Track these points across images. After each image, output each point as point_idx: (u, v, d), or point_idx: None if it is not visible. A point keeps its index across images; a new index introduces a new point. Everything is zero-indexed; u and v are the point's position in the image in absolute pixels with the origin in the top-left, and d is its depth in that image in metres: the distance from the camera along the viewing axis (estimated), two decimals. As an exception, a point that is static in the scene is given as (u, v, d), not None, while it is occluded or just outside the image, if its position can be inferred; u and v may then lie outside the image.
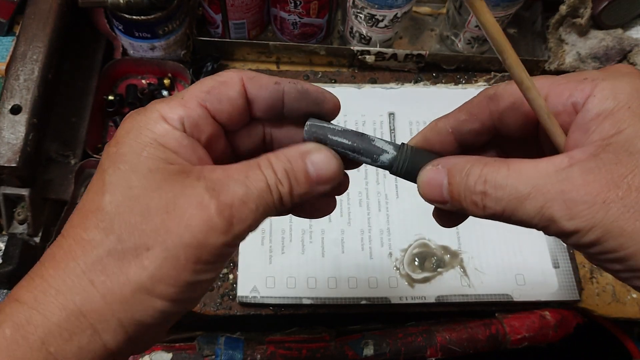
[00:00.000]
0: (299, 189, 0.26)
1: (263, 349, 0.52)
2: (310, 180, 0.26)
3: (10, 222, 0.55)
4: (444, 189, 0.26)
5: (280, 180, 0.25)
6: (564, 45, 0.67)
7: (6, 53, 0.62)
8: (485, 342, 0.53)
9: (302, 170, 0.26)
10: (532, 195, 0.23)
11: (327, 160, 0.27)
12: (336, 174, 0.27)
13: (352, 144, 0.28)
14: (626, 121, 0.23)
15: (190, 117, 0.25)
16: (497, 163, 0.24)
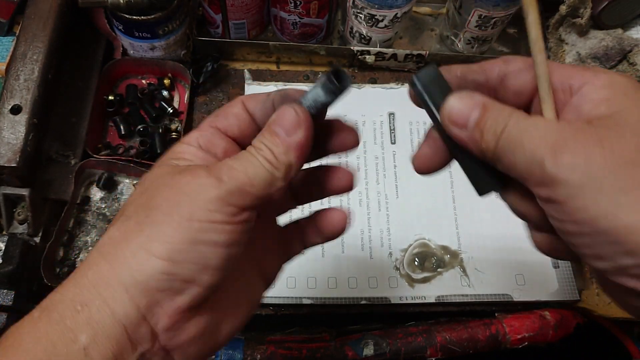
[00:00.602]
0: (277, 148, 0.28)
1: (263, 349, 0.52)
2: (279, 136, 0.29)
3: (10, 222, 0.55)
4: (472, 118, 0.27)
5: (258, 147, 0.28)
6: (564, 45, 0.67)
7: (6, 53, 0.62)
8: (485, 342, 0.53)
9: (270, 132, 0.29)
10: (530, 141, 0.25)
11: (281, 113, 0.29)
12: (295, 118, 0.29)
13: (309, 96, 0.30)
14: (621, 104, 0.24)
15: (203, 136, 0.30)
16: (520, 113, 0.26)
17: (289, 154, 0.28)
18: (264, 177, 0.28)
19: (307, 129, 0.29)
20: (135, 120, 0.63)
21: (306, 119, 0.29)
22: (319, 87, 0.30)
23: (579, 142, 0.24)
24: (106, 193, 0.60)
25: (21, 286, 0.50)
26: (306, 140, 0.29)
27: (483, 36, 0.66)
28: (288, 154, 0.28)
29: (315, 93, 0.30)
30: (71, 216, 0.58)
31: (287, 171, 0.28)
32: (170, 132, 0.63)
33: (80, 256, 0.57)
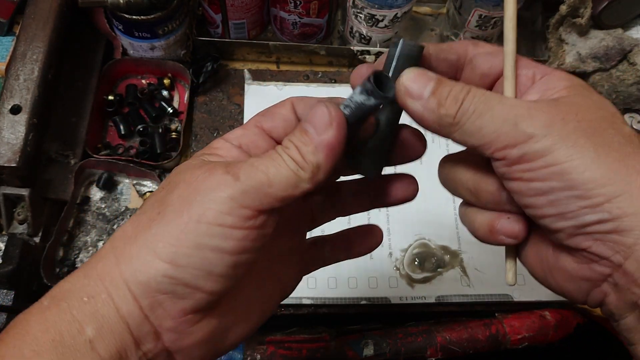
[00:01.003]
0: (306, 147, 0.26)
1: (263, 349, 0.52)
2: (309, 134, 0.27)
3: (10, 222, 0.55)
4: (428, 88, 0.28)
5: (286, 146, 0.26)
6: (564, 45, 0.67)
7: (6, 53, 0.62)
8: (485, 342, 0.53)
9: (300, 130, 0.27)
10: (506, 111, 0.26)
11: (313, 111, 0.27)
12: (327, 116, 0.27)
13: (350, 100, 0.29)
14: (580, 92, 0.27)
15: (247, 135, 0.29)
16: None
17: (317, 154, 0.26)
18: (287, 176, 0.25)
19: (339, 128, 0.26)
20: (135, 120, 0.63)
21: (338, 117, 0.27)
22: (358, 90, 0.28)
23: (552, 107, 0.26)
24: (106, 193, 0.60)
25: (21, 286, 0.50)
26: (337, 141, 0.26)
27: (483, 36, 0.66)
28: (317, 154, 0.26)
29: (353, 93, 0.28)
30: (71, 216, 0.58)
31: (314, 172, 0.26)
32: (170, 132, 0.63)
33: (80, 256, 0.57)
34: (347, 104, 0.28)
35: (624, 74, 0.65)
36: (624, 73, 0.65)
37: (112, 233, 0.56)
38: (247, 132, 0.29)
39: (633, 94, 0.65)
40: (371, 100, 0.28)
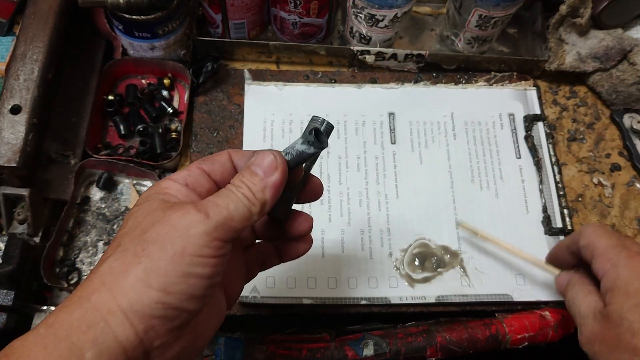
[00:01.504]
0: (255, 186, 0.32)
1: (263, 349, 0.52)
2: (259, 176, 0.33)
3: (10, 222, 0.55)
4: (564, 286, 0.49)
5: (238, 186, 0.32)
6: (564, 45, 0.67)
7: (6, 53, 0.62)
8: (485, 342, 0.53)
9: (250, 173, 0.33)
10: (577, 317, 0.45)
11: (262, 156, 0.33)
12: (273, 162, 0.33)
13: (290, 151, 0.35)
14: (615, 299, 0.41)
15: (191, 175, 0.34)
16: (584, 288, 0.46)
17: (265, 192, 0.32)
18: (243, 212, 0.31)
19: (282, 172, 0.33)
20: (135, 120, 0.63)
21: (283, 163, 0.33)
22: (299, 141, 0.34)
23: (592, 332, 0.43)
24: (106, 193, 0.60)
25: (21, 286, 0.50)
26: (280, 182, 0.33)
27: (483, 36, 0.66)
28: (264, 192, 0.32)
29: (295, 142, 0.34)
30: (71, 216, 0.58)
31: (262, 207, 0.32)
32: (170, 132, 0.63)
33: (80, 256, 0.57)
34: (288, 151, 0.34)
35: (624, 74, 0.65)
36: (624, 73, 0.65)
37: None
38: (191, 172, 0.34)
39: (633, 94, 0.65)
40: (311, 149, 0.34)
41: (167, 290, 0.28)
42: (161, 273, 0.28)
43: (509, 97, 0.67)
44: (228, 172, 0.35)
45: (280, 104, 0.65)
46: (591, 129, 0.68)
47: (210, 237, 0.29)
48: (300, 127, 0.64)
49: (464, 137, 0.64)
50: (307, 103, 0.65)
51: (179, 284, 0.29)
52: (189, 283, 0.29)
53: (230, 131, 0.63)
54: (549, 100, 0.69)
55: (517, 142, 0.64)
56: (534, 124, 0.65)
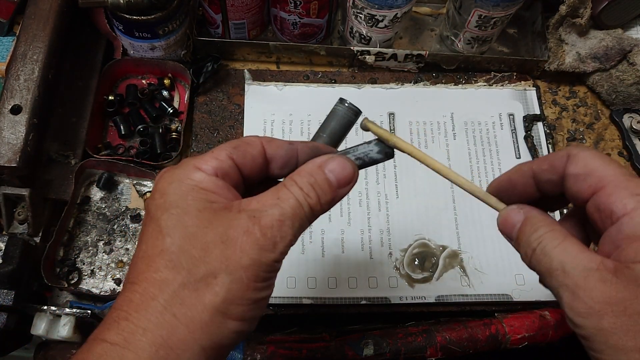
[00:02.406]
0: (325, 197, 0.30)
1: (263, 349, 0.52)
2: (332, 187, 0.30)
3: (10, 222, 0.55)
4: (515, 230, 0.31)
5: (307, 194, 0.29)
6: (563, 45, 0.67)
7: (6, 53, 0.62)
8: (485, 342, 0.53)
9: (324, 180, 0.30)
10: (558, 274, 0.28)
11: (343, 165, 0.30)
12: (353, 176, 0.31)
13: None
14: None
15: (222, 167, 0.30)
16: (556, 234, 0.29)
17: (330, 204, 0.30)
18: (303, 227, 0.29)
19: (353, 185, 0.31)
20: (135, 120, 0.63)
21: (356, 176, 0.31)
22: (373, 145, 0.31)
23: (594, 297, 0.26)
24: (106, 193, 0.60)
25: (21, 286, 0.50)
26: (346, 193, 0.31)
27: (483, 36, 0.66)
28: (330, 204, 0.30)
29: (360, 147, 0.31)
30: (71, 216, 0.58)
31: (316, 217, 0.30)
32: (170, 132, 0.63)
33: (81, 256, 0.57)
34: (359, 156, 0.32)
35: (623, 74, 0.65)
36: (624, 73, 0.65)
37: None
38: (222, 164, 0.30)
39: (633, 94, 0.65)
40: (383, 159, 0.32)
41: (243, 319, 0.27)
42: (238, 302, 0.27)
43: (509, 97, 0.67)
44: (259, 167, 0.32)
45: (281, 104, 0.65)
46: (591, 129, 0.68)
47: (276, 262, 0.28)
48: (300, 128, 0.64)
49: (464, 137, 0.64)
50: (307, 103, 0.65)
51: (253, 310, 0.28)
52: (260, 307, 0.28)
53: (230, 131, 0.64)
54: (549, 101, 0.69)
55: (516, 142, 0.64)
56: (534, 124, 0.65)
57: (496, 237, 0.59)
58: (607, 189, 0.28)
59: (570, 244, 0.29)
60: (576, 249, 0.28)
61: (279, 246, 0.28)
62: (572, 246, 0.28)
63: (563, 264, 0.28)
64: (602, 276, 0.26)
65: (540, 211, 0.31)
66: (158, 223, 0.28)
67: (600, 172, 0.29)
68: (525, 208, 0.32)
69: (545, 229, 0.30)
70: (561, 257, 0.28)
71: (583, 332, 0.27)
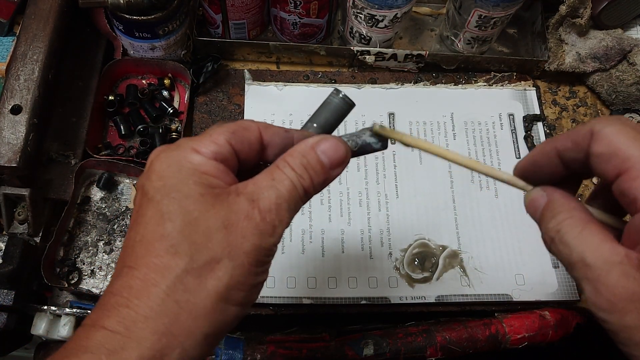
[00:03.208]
0: (318, 178, 0.30)
1: (263, 349, 0.52)
2: (325, 168, 0.30)
3: (10, 222, 0.55)
4: (538, 212, 0.30)
5: (300, 175, 0.29)
6: (563, 45, 0.67)
7: (6, 53, 0.62)
8: (485, 341, 0.53)
9: (317, 161, 0.30)
10: (579, 266, 0.26)
11: (335, 146, 0.30)
12: (345, 157, 0.30)
13: None
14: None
15: (221, 152, 0.29)
16: (576, 221, 0.28)
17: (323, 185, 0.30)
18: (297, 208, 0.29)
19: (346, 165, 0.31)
20: (135, 120, 0.63)
21: (349, 156, 0.31)
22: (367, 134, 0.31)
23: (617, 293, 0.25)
24: (106, 193, 0.60)
25: (21, 286, 0.50)
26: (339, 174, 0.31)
27: (483, 36, 0.66)
28: (323, 185, 0.30)
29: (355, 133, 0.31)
30: (71, 216, 0.58)
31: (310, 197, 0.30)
32: (170, 132, 0.63)
33: (81, 256, 0.57)
34: (355, 140, 0.31)
35: (623, 74, 0.65)
36: (624, 73, 0.65)
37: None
38: (221, 149, 0.29)
39: (633, 94, 0.65)
40: (378, 145, 0.32)
41: (243, 304, 0.28)
42: (240, 288, 0.27)
43: (509, 97, 0.67)
44: (255, 153, 0.31)
45: (280, 104, 0.65)
46: (591, 129, 0.68)
47: (274, 246, 0.29)
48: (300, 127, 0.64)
49: (464, 137, 0.64)
50: (307, 103, 0.65)
51: (252, 295, 0.28)
52: (257, 291, 0.29)
53: (230, 131, 0.64)
54: (549, 101, 0.69)
55: (516, 142, 0.64)
56: (534, 124, 0.65)
57: (496, 237, 0.59)
58: (631, 172, 0.25)
59: (590, 233, 0.27)
60: (597, 239, 0.26)
61: (278, 230, 0.28)
62: (593, 236, 0.26)
63: (583, 255, 0.26)
64: (625, 271, 0.25)
65: (563, 193, 0.30)
66: (159, 207, 0.27)
67: (625, 152, 0.26)
68: (549, 190, 0.30)
69: (565, 214, 0.28)
70: (581, 248, 0.26)
71: (608, 327, 0.26)
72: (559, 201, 0.29)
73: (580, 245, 0.27)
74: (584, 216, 0.28)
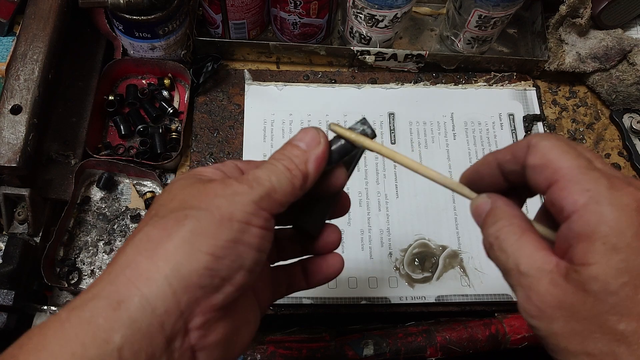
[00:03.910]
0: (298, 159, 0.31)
1: (263, 349, 0.52)
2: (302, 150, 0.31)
3: (10, 222, 0.55)
4: (481, 219, 0.31)
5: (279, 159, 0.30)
6: (563, 45, 0.67)
7: (6, 53, 0.62)
8: (485, 342, 0.53)
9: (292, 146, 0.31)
10: (513, 273, 0.27)
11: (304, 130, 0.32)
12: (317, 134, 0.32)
13: None
14: (595, 256, 0.24)
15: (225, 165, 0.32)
16: (515, 228, 0.28)
17: (308, 165, 0.31)
18: (286, 184, 0.29)
19: (325, 145, 0.31)
20: (135, 120, 0.63)
21: (325, 138, 0.32)
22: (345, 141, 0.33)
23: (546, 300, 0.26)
24: (106, 193, 0.60)
25: (21, 286, 0.50)
26: (323, 155, 0.31)
27: (483, 36, 0.66)
28: (307, 165, 0.31)
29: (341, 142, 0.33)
30: (71, 216, 0.58)
31: (304, 181, 0.30)
32: (170, 132, 0.63)
33: (81, 256, 0.57)
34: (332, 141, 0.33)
35: (623, 74, 0.65)
36: (624, 73, 0.65)
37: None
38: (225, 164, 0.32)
39: (633, 94, 0.65)
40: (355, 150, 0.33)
41: (216, 255, 0.26)
42: (210, 235, 0.26)
43: (509, 97, 0.67)
44: None
45: (281, 104, 0.65)
46: (591, 129, 0.68)
47: (257, 207, 0.28)
48: (301, 127, 0.64)
49: (464, 137, 0.64)
50: (307, 103, 0.65)
51: (228, 249, 0.26)
52: (238, 250, 0.27)
53: (230, 131, 0.64)
54: (549, 101, 0.69)
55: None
56: (534, 124, 0.65)
57: (496, 237, 0.59)
58: (560, 183, 0.26)
59: (527, 241, 0.28)
60: (533, 247, 0.27)
61: (255, 188, 0.28)
62: (529, 243, 0.27)
63: (518, 262, 0.27)
64: (553, 279, 0.26)
65: (507, 201, 0.30)
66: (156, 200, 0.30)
67: (555, 164, 0.27)
68: (493, 197, 0.31)
69: (505, 221, 0.29)
70: (517, 254, 0.27)
71: (537, 333, 0.27)
72: (501, 208, 0.30)
73: (516, 252, 0.27)
74: (523, 224, 0.29)
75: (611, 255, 0.24)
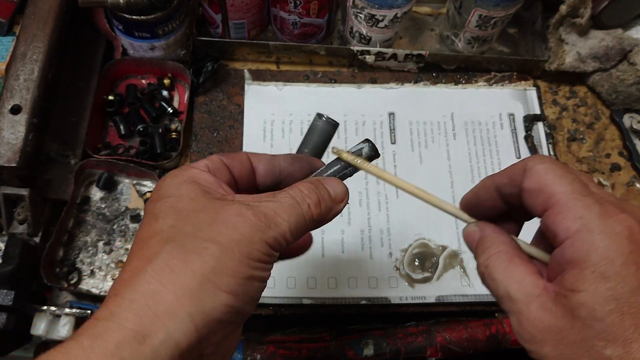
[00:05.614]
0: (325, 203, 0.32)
1: (263, 349, 0.52)
2: (331, 197, 0.32)
3: (10, 222, 0.55)
4: (473, 246, 0.33)
5: (308, 195, 0.31)
6: (564, 45, 0.67)
7: (6, 53, 0.62)
8: (485, 342, 0.53)
9: (324, 189, 0.32)
10: (505, 300, 0.29)
11: (338, 182, 0.34)
12: (346, 193, 0.34)
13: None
14: (584, 284, 0.25)
15: (213, 165, 0.32)
16: (502, 255, 0.30)
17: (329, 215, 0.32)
18: (301, 228, 0.30)
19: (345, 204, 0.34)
20: (135, 120, 0.63)
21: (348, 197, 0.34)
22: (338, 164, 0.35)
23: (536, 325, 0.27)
24: (106, 193, 0.60)
25: (21, 286, 0.50)
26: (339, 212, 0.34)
27: (483, 36, 0.66)
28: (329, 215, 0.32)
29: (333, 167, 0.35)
30: (71, 216, 0.58)
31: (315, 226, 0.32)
32: (170, 132, 0.63)
33: (81, 256, 0.57)
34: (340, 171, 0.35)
35: (624, 74, 0.65)
36: (624, 73, 0.65)
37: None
38: (212, 161, 0.33)
39: (633, 94, 0.65)
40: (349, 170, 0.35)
41: (236, 293, 0.27)
42: (230, 274, 0.27)
43: (509, 97, 0.67)
44: (246, 171, 0.34)
45: (280, 104, 0.65)
46: (591, 129, 0.68)
47: (270, 247, 0.29)
48: (301, 127, 0.64)
49: (464, 137, 0.64)
50: (307, 103, 0.65)
51: (245, 286, 0.27)
52: (253, 286, 0.28)
53: (230, 131, 0.63)
54: (549, 100, 0.69)
55: (517, 142, 0.64)
56: (534, 124, 0.65)
57: (496, 237, 0.59)
58: (554, 208, 0.27)
59: (514, 268, 0.29)
60: (520, 273, 0.29)
61: (272, 229, 0.29)
62: (516, 269, 0.29)
63: (508, 289, 0.28)
64: (543, 304, 0.27)
65: (495, 229, 0.32)
66: (152, 212, 0.29)
67: (550, 189, 0.28)
68: (481, 225, 0.33)
69: (493, 249, 0.30)
70: (506, 282, 0.29)
71: (532, 356, 0.28)
72: (489, 236, 0.31)
73: (505, 279, 0.29)
74: (510, 250, 0.30)
75: (600, 283, 0.25)
